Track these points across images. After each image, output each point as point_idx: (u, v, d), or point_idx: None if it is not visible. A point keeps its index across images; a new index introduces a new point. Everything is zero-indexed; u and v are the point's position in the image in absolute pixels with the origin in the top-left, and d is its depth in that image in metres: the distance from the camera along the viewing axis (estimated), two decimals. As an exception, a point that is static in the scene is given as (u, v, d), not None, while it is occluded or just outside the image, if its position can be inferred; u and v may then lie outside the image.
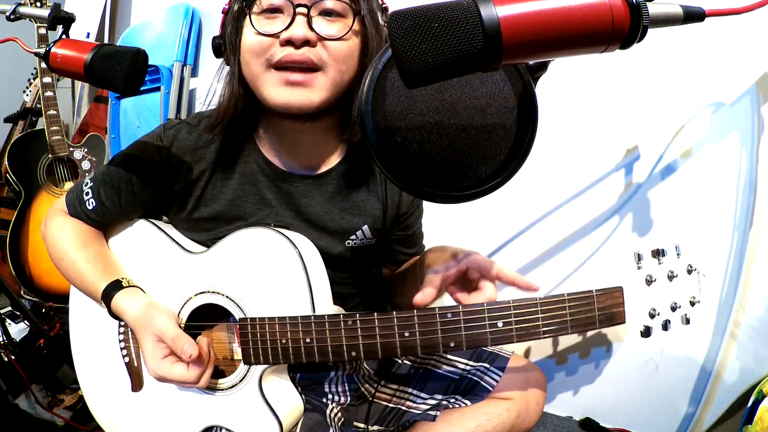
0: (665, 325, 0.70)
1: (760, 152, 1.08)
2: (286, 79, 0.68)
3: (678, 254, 0.70)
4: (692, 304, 0.71)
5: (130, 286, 0.79)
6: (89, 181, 0.83)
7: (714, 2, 0.43)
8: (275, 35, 0.67)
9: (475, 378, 0.86)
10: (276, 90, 0.68)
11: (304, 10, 0.66)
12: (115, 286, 0.78)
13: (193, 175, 0.79)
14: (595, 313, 0.67)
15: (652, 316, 0.70)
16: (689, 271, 0.70)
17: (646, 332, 0.70)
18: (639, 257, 0.70)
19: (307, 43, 0.67)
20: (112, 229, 0.88)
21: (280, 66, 0.68)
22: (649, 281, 0.70)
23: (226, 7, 0.73)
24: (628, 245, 1.22)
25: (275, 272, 0.74)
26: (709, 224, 1.13)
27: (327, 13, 0.68)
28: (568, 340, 1.33)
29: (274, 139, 0.80)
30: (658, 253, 0.70)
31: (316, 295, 0.72)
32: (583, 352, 1.32)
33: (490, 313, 0.67)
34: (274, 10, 0.68)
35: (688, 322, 0.71)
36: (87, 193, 0.82)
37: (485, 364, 0.87)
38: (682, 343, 1.20)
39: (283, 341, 0.71)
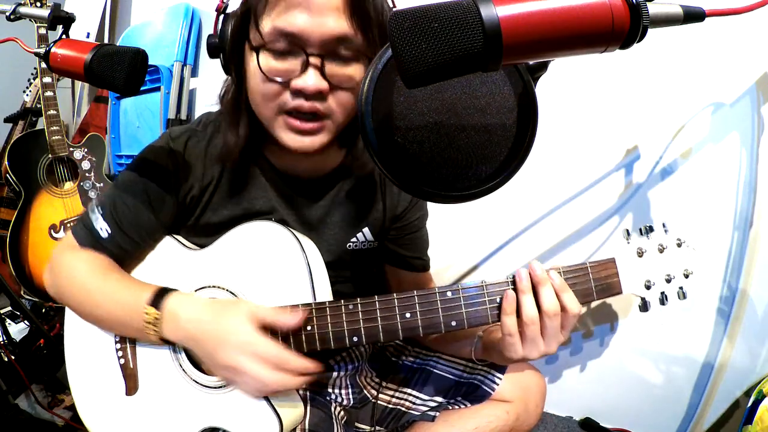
0: (662, 300, 0.71)
1: (760, 152, 1.08)
2: (296, 127, 0.66)
3: (666, 230, 0.72)
4: (686, 276, 0.71)
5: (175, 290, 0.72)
6: (98, 209, 0.75)
7: (714, 2, 0.43)
8: (285, 82, 0.64)
9: (475, 382, 0.86)
10: (286, 135, 0.68)
11: (317, 60, 0.61)
12: (162, 292, 0.70)
13: (205, 181, 0.78)
14: (592, 284, 0.69)
15: (647, 287, 0.70)
16: (678, 245, 0.72)
17: (644, 306, 0.71)
18: (627, 233, 0.72)
19: (319, 92, 0.63)
20: (131, 265, 0.79)
21: (290, 112, 0.66)
22: (640, 253, 0.71)
23: (220, 4, 0.70)
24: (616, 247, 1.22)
25: (275, 261, 0.74)
26: (709, 224, 1.13)
27: (339, 58, 0.63)
28: (567, 340, 1.33)
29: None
30: (646, 230, 0.72)
31: (316, 282, 0.73)
32: (583, 351, 1.32)
33: (489, 290, 0.68)
34: (284, 52, 0.63)
35: (684, 296, 0.71)
36: (96, 220, 0.75)
37: (485, 367, 0.87)
38: (682, 343, 1.20)
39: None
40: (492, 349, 0.75)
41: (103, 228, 0.74)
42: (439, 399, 0.87)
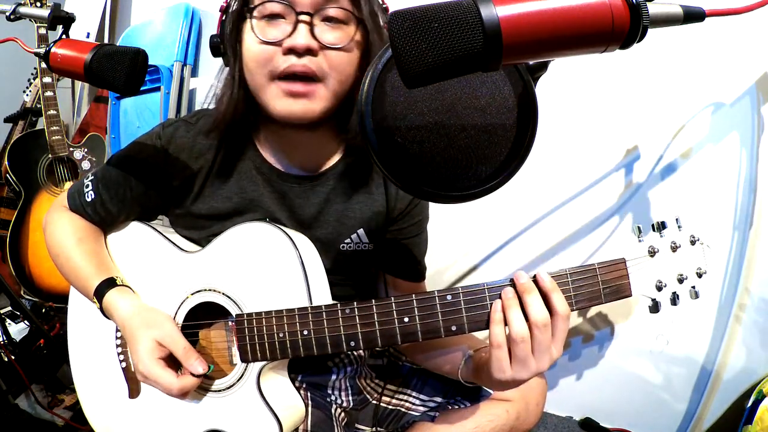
0: (674, 300, 0.67)
1: (760, 152, 1.08)
2: (288, 90, 0.68)
3: (679, 227, 0.68)
4: (699, 275, 0.67)
5: (123, 285, 0.79)
6: (91, 176, 0.85)
7: (714, 2, 0.43)
8: (277, 43, 0.67)
9: (475, 381, 0.85)
10: (279, 101, 0.69)
11: (306, 17, 0.66)
12: (109, 283, 0.78)
13: (190, 172, 0.79)
14: (600, 287, 0.64)
15: (659, 288, 0.66)
16: (692, 242, 0.68)
17: (655, 307, 0.67)
18: (639, 230, 0.68)
19: (309, 51, 0.66)
20: (110, 230, 0.88)
21: (283, 76, 0.68)
22: (652, 253, 0.66)
23: (224, 4, 0.73)
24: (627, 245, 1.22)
25: (271, 264, 0.73)
26: (709, 224, 1.13)
27: (329, 19, 0.67)
28: (567, 339, 1.32)
29: (272, 141, 0.80)
30: (659, 227, 0.68)
31: (312, 286, 0.72)
32: (583, 351, 1.32)
33: (491, 293, 0.63)
34: (276, 16, 0.67)
35: (697, 296, 0.67)
36: (87, 186, 0.83)
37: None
38: (682, 344, 1.20)
39: (281, 335, 0.70)
40: (481, 369, 0.71)
41: (89, 193, 0.83)
42: (439, 399, 0.87)
